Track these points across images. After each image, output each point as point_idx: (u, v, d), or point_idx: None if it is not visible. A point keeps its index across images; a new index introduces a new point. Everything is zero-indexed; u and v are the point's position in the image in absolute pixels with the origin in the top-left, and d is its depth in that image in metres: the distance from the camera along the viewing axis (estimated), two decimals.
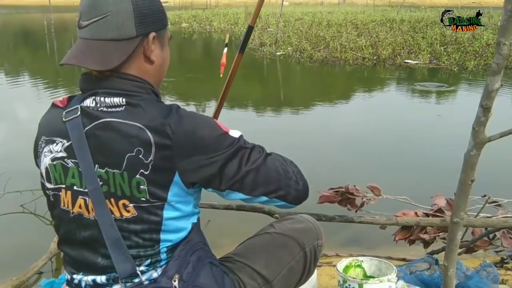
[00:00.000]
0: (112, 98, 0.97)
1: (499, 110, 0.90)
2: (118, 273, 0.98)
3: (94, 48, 0.98)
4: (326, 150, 4.14)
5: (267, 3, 28.94)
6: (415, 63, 9.06)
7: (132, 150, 0.94)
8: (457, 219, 0.92)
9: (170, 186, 0.96)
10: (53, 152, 1.01)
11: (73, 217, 1.01)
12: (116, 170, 0.95)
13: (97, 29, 0.97)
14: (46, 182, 1.04)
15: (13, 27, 20.26)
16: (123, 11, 0.97)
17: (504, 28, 0.72)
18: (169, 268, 1.00)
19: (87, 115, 0.98)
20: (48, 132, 1.04)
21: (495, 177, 3.22)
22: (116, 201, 0.96)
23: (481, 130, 0.82)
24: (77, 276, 1.05)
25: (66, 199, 1.01)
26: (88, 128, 0.97)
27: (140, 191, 0.95)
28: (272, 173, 1.04)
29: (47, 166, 1.02)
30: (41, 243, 2.35)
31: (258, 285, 1.16)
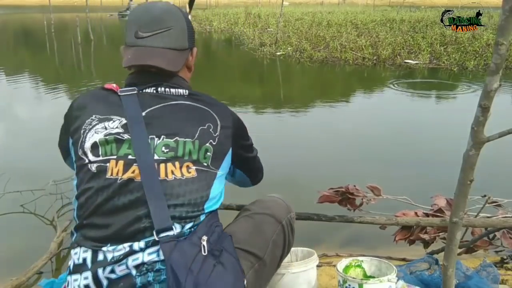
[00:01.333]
0: (177, 89, 1.24)
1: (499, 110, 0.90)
2: (154, 225, 1.08)
3: (159, 53, 1.22)
4: (326, 150, 4.14)
5: (267, 3, 28.98)
6: (415, 63, 9.06)
7: (204, 124, 1.20)
8: (456, 219, 0.93)
9: (224, 159, 1.23)
10: (108, 128, 1.17)
11: (120, 183, 1.12)
12: (188, 139, 1.17)
13: (161, 39, 1.23)
14: (90, 155, 1.16)
15: (13, 27, 20.27)
16: (181, 27, 1.26)
17: (502, 28, 0.72)
18: (199, 230, 1.15)
19: (152, 98, 1.21)
20: (103, 111, 1.20)
21: (495, 177, 3.22)
22: (180, 163, 1.15)
23: (480, 130, 0.82)
24: (106, 248, 1.09)
25: (116, 168, 1.13)
26: (153, 108, 1.19)
27: (206, 157, 1.18)
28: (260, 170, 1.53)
29: (97, 141, 1.15)
30: (41, 243, 2.35)
31: (252, 263, 1.26)
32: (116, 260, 1.08)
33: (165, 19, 1.23)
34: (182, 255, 1.08)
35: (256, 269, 1.27)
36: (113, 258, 1.09)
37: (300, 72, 9.30)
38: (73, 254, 1.14)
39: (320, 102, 6.57)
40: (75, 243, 1.14)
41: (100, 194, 1.12)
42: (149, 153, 1.13)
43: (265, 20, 16.00)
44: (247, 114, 5.73)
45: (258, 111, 5.96)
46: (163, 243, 1.07)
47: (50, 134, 1.53)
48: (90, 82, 7.75)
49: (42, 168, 3.28)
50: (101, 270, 1.08)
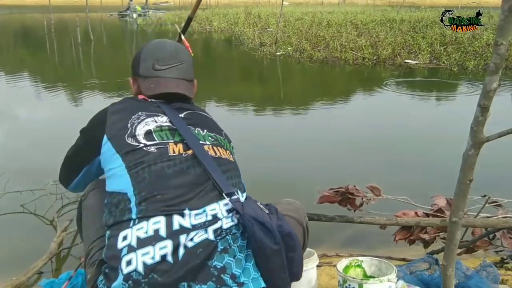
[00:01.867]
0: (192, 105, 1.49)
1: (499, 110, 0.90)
2: (223, 190, 1.21)
3: (180, 84, 1.45)
4: (326, 150, 4.14)
5: (267, 3, 28.98)
6: (415, 63, 9.06)
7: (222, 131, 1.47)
8: (455, 219, 0.93)
9: None
10: (158, 122, 1.33)
11: (186, 156, 1.26)
12: (220, 136, 1.41)
13: (177, 71, 1.46)
14: (145, 141, 1.27)
15: (13, 27, 20.27)
16: (189, 61, 1.52)
17: (501, 28, 0.72)
18: (250, 199, 1.28)
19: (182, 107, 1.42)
20: (148, 110, 1.36)
21: (495, 177, 3.22)
22: (223, 149, 1.37)
23: (480, 130, 0.82)
24: (187, 211, 1.15)
25: (176, 148, 1.28)
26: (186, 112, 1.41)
27: (233, 152, 1.43)
28: None
29: (150, 129, 1.30)
30: (41, 243, 2.35)
31: None
32: (199, 226, 1.13)
33: (178, 55, 1.47)
34: (254, 210, 1.17)
35: None
36: (195, 226, 1.13)
37: (300, 72, 9.30)
38: (134, 230, 1.13)
39: (320, 102, 6.58)
40: (137, 219, 1.14)
41: (167, 166, 1.22)
42: (197, 140, 1.32)
43: (265, 20, 16.00)
44: (247, 114, 5.74)
45: (258, 111, 5.96)
46: (235, 202, 1.18)
47: (50, 134, 1.54)
48: (90, 81, 7.76)
49: (42, 168, 3.27)
50: (183, 237, 1.11)
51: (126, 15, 25.41)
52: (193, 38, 15.37)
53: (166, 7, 30.89)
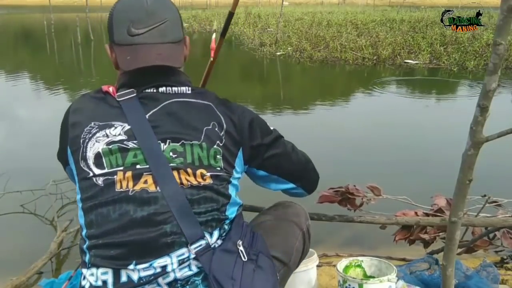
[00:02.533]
0: (179, 87, 1.13)
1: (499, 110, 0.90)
2: (186, 237, 1.02)
3: (161, 49, 1.11)
4: (326, 150, 4.14)
5: (267, 3, 28.97)
6: (415, 63, 9.06)
7: (209, 123, 1.09)
8: (455, 219, 0.93)
9: (236, 160, 1.13)
10: (110, 136, 1.06)
11: (133, 194, 1.03)
12: (195, 141, 1.07)
13: (159, 33, 1.12)
14: (94, 168, 1.05)
15: (13, 27, 20.27)
16: (176, 18, 1.16)
17: (500, 28, 0.72)
18: (232, 235, 1.10)
19: (152, 100, 1.10)
20: (102, 117, 1.09)
21: (495, 177, 3.22)
22: (193, 171, 1.05)
23: (479, 129, 0.82)
24: (132, 266, 1.01)
25: (124, 180, 1.04)
26: (155, 110, 1.09)
27: (217, 160, 1.08)
28: (303, 161, 1.32)
29: (100, 151, 1.05)
30: (41, 243, 2.35)
31: (278, 269, 1.25)
32: (145, 281, 1.01)
33: (159, 11, 1.12)
34: (222, 264, 1.03)
35: (282, 274, 1.27)
36: (141, 279, 1.01)
37: (300, 72, 9.30)
38: (87, 275, 1.05)
39: (320, 102, 6.57)
40: (89, 264, 1.05)
41: (112, 209, 1.03)
42: (163, 160, 1.03)
43: (265, 20, 16.00)
44: None
45: (257, 111, 5.96)
46: (201, 255, 1.02)
47: (50, 134, 1.53)
48: (90, 81, 7.76)
49: (42, 168, 3.27)
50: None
51: None
52: (193, 38, 15.37)
53: None
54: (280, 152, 1.24)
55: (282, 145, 1.25)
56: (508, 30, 0.72)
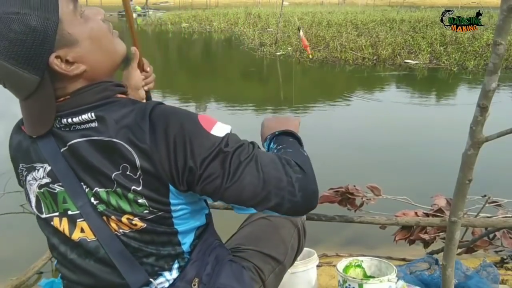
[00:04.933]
0: (80, 116, 0.87)
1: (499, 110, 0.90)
2: (130, 286, 0.92)
3: (27, 109, 0.93)
4: (326, 150, 4.14)
5: (267, 3, 28.98)
6: (415, 63, 9.06)
7: (118, 167, 0.86)
8: (455, 219, 0.93)
9: (169, 196, 0.89)
10: (37, 179, 0.94)
11: (77, 242, 0.93)
12: (109, 188, 0.87)
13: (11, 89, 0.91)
14: (37, 212, 0.98)
15: None
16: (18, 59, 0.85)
17: (500, 28, 0.72)
18: (187, 272, 0.96)
19: (61, 137, 0.89)
20: (26, 159, 0.96)
21: (495, 177, 3.22)
22: (118, 218, 0.89)
23: (479, 129, 0.82)
24: None
25: (61, 227, 0.94)
26: (64, 149, 0.89)
27: (140, 204, 0.88)
28: (260, 185, 0.89)
29: (36, 195, 0.95)
30: (41, 243, 2.33)
31: (272, 267, 1.21)
32: None
33: None
34: None
35: (277, 273, 1.24)
36: None
37: (300, 72, 9.30)
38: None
39: (320, 102, 6.58)
40: None
41: (64, 252, 0.97)
42: (90, 204, 0.89)
43: (265, 20, 16.01)
44: (246, 113, 5.74)
45: (257, 111, 5.97)
46: None
47: None
48: None
49: None
50: None
51: None
52: (193, 38, 15.38)
53: (166, 7, 30.92)
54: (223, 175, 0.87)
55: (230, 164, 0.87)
56: (508, 30, 0.72)
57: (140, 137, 0.84)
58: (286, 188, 0.90)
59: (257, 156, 0.90)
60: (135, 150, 0.85)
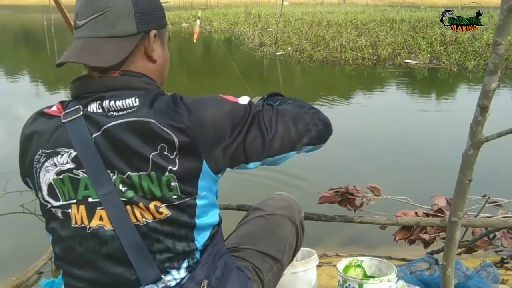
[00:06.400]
0: (124, 100, 0.93)
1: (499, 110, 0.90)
2: (141, 280, 0.93)
3: (94, 45, 0.95)
4: (326, 150, 4.13)
5: (267, 3, 28.97)
6: (415, 63, 9.06)
7: (156, 147, 0.91)
8: (455, 219, 0.93)
9: (199, 177, 0.94)
10: (58, 165, 0.94)
11: (91, 232, 0.94)
12: (142, 172, 0.91)
13: (95, 26, 0.94)
14: (50, 199, 0.97)
15: (13, 27, 20.27)
16: (122, 6, 0.95)
17: (500, 28, 0.72)
18: (197, 273, 0.98)
19: (95, 121, 0.93)
20: (48, 144, 0.96)
21: (495, 177, 3.22)
22: (146, 205, 0.92)
23: (479, 129, 0.82)
24: None
25: (78, 215, 0.94)
26: (98, 134, 0.92)
27: (171, 188, 0.92)
28: (292, 128, 1.05)
29: (51, 182, 0.95)
30: (41, 243, 2.34)
31: (271, 266, 1.22)
32: None
33: (98, 0, 0.95)
34: None
35: (275, 271, 1.24)
36: None
37: (300, 72, 9.30)
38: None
39: (320, 102, 6.57)
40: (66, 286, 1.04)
41: (75, 245, 0.96)
42: (114, 192, 0.91)
43: (265, 20, 15.99)
44: None
45: None
46: None
47: None
48: None
49: None
50: None
51: None
52: (193, 38, 15.35)
53: (165, 7, 30.84)
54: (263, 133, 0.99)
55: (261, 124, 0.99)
56: (508, 30, 0.72)
57: (178, 119, 0.91)
58: (311, 122, 1.10)
59: (277, 108, 1.05)
60: (173, 131, 0.91)
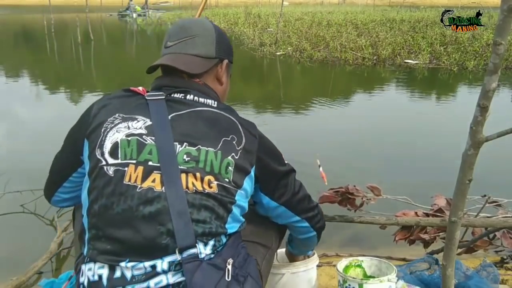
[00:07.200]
0: (205, 99, 1.17)
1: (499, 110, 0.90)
2: (177, 243, 1.01)
3: (182, 58, 1.19)
4: (326, 150, 4.14)
5: (267, 3, 28.98)
6: (415, 63, 9.06)
7: (228, 135, 1.11)
8: (455, 218, 0.93)
9: (246, 177, 1.13)
10: (131, 128, 1.09)
11: (140, 191, 1.04)
12: (211, 148, 1.09)
13: (184, 46, 1.21)
14: (108, 157, 1.07)
15: (13, 27, 20.27)
16: (208, 36, 1.24)
17: (500, 28, 0.72)
18: (224, 252, 1.08)
19: (180, 103, 1.14)
20: (127, 110, 1.13)
21: (495, 177, 3.22)
22: (202, 176, 1.06)
23: (479, 129, 0.82)
24: (124, 264, 1.01)
25: (134, 174, 1.05)
26: (180, 113, 1.12)
27: (227, 171, 1.09)
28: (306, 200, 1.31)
29: (118, 141, 1.08)
30: (41, 243, 2.35)
31: (263, 254, 1.31)
32: (137, 280, 1.01)
33: (191, 28, 1.23)
34: (206, 278, 1.01)
35: (267, 258, 1.32)
36: (134, 278, 1.01)
37: (300, 72, 9.30)
38: (86, 269, 1.05)
39: (320, 102, 6.57)
40: (88, 257, 1.06)
41: (116, 202, 1.04)
42: (174, 161, 1.05)
43: (265, 20, 16.00)
44: (247, 113, 5.74)
45: (257, 111, 5.97)
46: (186, 263, 1.01)
47: (50, 134, 1.53)
48: (90, 81, 7.75)
49: (42, 168, 3.27)
50: None
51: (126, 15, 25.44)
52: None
53: (165, 7, 30.91)
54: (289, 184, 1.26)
55: (293, 180, 1.27)
56: (508, 30, 0.72)
57: (252, 129, 1.18)
58: (316, 212, 1.37)
59: (300, 182, 1.31)
60: (246, 133, 1.15)
